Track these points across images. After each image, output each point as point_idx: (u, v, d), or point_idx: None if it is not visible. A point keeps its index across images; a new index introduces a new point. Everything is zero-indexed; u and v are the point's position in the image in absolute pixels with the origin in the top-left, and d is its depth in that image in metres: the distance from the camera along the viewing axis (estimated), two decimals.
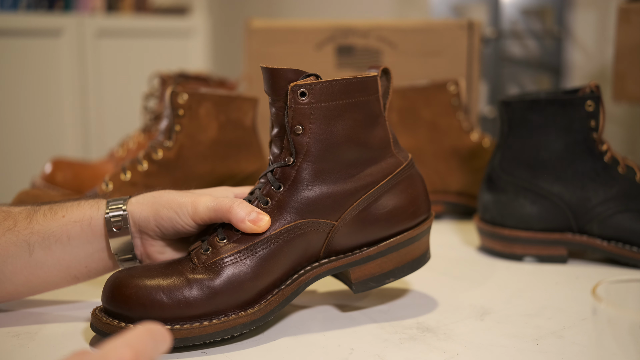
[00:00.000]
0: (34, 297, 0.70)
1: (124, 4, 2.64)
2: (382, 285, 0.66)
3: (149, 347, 0.36)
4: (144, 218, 0.63)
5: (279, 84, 0.61)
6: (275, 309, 0.61)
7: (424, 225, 0.67)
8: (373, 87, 0.64)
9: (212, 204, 0.62)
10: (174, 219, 0.62)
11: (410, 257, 0.66)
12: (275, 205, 0.62)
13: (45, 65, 2.31)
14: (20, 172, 2.13)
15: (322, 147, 0.62)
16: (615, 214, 0.80)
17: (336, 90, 0.62)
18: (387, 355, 0.58)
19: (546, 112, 0.82)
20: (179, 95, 0.86)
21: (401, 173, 0.66)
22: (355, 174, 0.64)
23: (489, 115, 2.17)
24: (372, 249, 0.65)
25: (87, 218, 0.63)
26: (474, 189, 1.02)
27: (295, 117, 0.61)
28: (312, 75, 0.62)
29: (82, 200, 0.65)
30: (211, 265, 0.59)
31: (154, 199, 0.63)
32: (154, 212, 0.63)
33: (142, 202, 0.63)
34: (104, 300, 0.58)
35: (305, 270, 0.63)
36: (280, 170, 0.62)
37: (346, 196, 0.63)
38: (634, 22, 1.30)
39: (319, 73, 0.63)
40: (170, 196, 0.63)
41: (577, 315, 0.66)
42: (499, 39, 2.22)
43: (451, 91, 1.04)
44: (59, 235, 0.62)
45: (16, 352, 0.58)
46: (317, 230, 0.62)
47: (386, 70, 0.66)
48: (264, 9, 3.09)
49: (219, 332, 0.58)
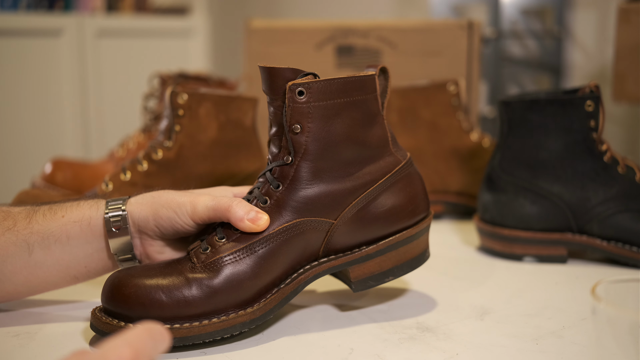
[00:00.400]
0: (34, 297, 0.70)
1: (124, 4, 2.64)
2: (382, 283, 0.66)
3: (148, 346, 0.36)
4: (143, 218, 0.63)
5: (276, 83, 0.61)
6: (274, 307, 0.61)
7: (423, 224, 0.67)
8: (371, 85, 0.64)
9: (211, 203, 0.62)
10: (173, 219, 0.62)
11: (409, 256, 0.67)
12: (274, 204, 0.62)
13: (45, 65, 2.31)
14: (20, 172, 2.13)
15: (321, 146, 0.62)
16: (615, 214, 0.80)
17: (334, 89, 0.62)
18: (387, 355, 0.58)
19: (546, 112, 0.82)
20: (178, 95, 0.86)
21: (400, 171, 0.66)
22: (353, 173, 0.64)
23: (489, 115, 2.17)
24: (371, 247, 0.65)
25: (87, 218, 0.63)
26: (473, 189, 1.02)
27: (294, 116, 0.61)
28: (310, 74, 0.62)
29: (82, 201, 0.65)
30: (210, 265, 0.59)
31: (153, 199, 0.63)
32: (153, 212, 0.63)
33: (141, 202, 0.63)
34: (104, 300, 0.59)
35: (305, 269, 0.63)
36: (279, 169, 0.62)
37: (345, 195, 0.63)
38: (634, 22, 1.30)
39: (319, 73, 0.63)
40: (169, 196, 0.63)
41: (577, 315, 0.66)
42: (499, 39, 2.22)
43: (451, 91, 1.04)
44: (59, 235, 0.62)
45: (16, 352, 0.58)
46: (316, 229, 0.62)
47: (384, 69, 0.66)
48: (264, 9, 3.09)
49: (219, 331, 0.58)
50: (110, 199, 0.64)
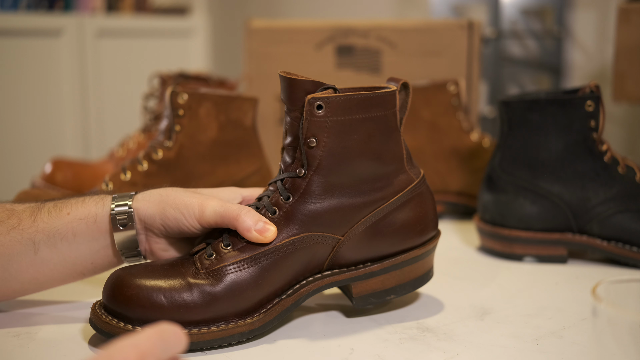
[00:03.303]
0: (34, 297, 0.70)
1: (124, 4, 2.64)
2: (383, 301, 0.65)
3: (157, 348, 0.35)
4: (149, 216, 0.63)
5: (296, 95, 0.61)
6: (274, 319, 0.61)
7: (430, 244, 0.67)
8: (391, 101, 0.63)
9: (220, 209, 0.61)
10: (180, 220, 0.62)
11: (413, 275, 0.66)
12: (283, 216, 0.61)
13: (45, 65, 2.31)
14: (20, 172, 2.13)
15: (335, 161, 0.61)
16: (615, 214, 0.80)
17: (353, 104, 0.61)
18: (387, 355, 0.58)
19: (546, 112, 0.82)
20: (179, 95, 0.86)
21: (412, 190, 0.65)
22: (365, 190, 0.63)
23: (489, 115, 2.17)
24: (376, 265, 0.64)
25: (93, 215, 0.63)
26: (474, 189, 1.02)
27: (310, 129, 0.60)
28: (330, 87, 0.61)
29: (87, 197, 0.64)
30: (214, 272, 0.59)
31: (161, 197, 0.63)
32: (160, 211, 0.62)
33: (148, 200, 0.63)
34: (105, 298, 0.58)
35: (308, 282, 0.62)
36: (291, 181, 0.62)
37: (355, 211, 0.62)
38: (634, 22, 1.30)
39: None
40: (177, 195, 0.63)
41: (577, 315, 0.66)
42: (499, 39, 2.22)
43: (451, 91, 1.04)
44: (64, 233, 0.62)
45: (16, 352, 0.58)
46: (323, 243, 0.62)
47: (406, 85, 0.65)
48: (264, 9, 3.09)
49: (217, 339, 0.58)
50: (117, 195, 0.64)
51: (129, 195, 0.64)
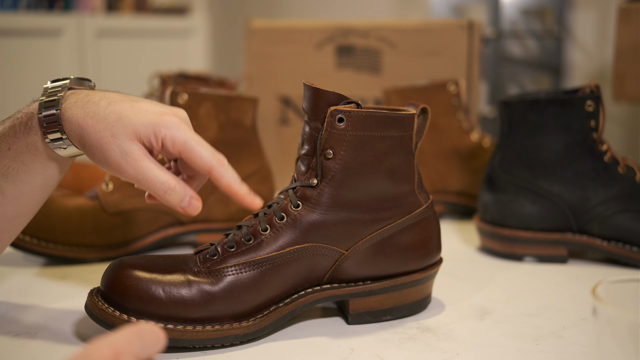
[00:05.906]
0: (33, 297, 0.70)
1: (124, 4, 2.64)
2: (379, 321, 0.65)
3: (134, 347, 0.36)
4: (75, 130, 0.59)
5: (319, 105, 0.61)
6: (270, 325, 0.61)
7: (431, 270, 0.67)
8: (410, 124, 0.64)
9: (138, 177, 0.58)
10: (104, 167, 0.59)
11: (411, 299, 0.66)
12: (290, 223, 0.61)
13: (45, 65, 2.31)
14: None
15: (349, 175, 0.62)
16: (615, 214, 0.80)
17: (374, 122, 0.61)
18: (387, 355, 0.58)
19: (546, 112, 0.82)
20: (179, 95, 0.86)
21: (420, 214, 0.66)
22: (374, 207, 0.63)
23: (489, 115, 2.17)
24: (376, 284, 0.64)
25: (32, 144, 0.60)
26: (474, 189, 1.02)
27: (329, 141, 0.61)
28: (353, 102, 0.61)
29: (13, 125, 0.61)
30: (214, 272, 0.59)
31: (83, 132, 0.58)
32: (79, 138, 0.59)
33: (76, 122, 0.59)
34: (103, 286, 0.58)
35: (306, 292, 0.62)
36: (302, 190, 0.62)
37: (361, 227, 0.63)
38: (634, 22, 1.31)
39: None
40: (98, 136, 0.58)
41: (577, 315, 0.66)
42: (499, 39, 2.22)
43: (451, 91, 1.04)
44: (17, 166, 0.60)
45: (16, 352, 0.58)
46: (326, 255, 0.62)
47: (425, 110, 0.66)
48: (264, 9, 3.09)
49: (211, 339, 0.58)
50: (43, 115, 0.59)
51: (57, 99, 0.59)
